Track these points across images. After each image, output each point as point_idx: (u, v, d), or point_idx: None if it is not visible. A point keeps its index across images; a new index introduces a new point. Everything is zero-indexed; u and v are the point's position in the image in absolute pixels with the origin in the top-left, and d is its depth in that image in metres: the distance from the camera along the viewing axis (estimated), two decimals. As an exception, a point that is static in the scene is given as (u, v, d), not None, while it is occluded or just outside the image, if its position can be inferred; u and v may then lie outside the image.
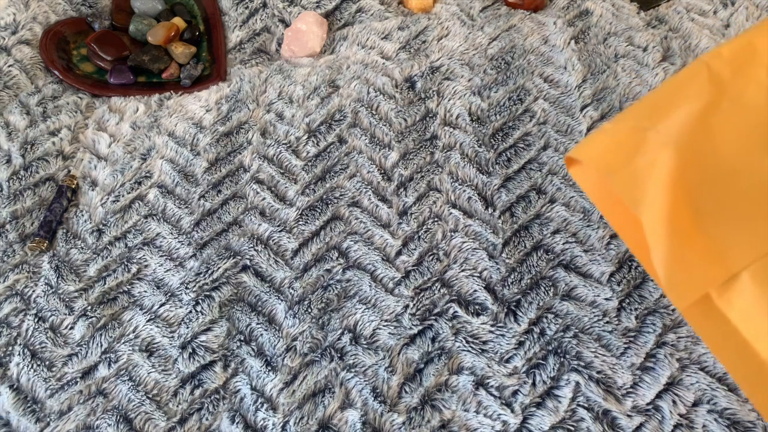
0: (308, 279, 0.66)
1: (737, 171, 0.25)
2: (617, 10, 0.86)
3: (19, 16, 0.83)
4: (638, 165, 0.27)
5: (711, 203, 0.25)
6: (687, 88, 0.26)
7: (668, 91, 0.26)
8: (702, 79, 0.26)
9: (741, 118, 0.25)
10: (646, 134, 0.28)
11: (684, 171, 0.26)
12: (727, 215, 0.25)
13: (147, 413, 0.59)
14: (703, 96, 0.26)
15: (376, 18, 0.87)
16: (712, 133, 0.25)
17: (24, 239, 0.69)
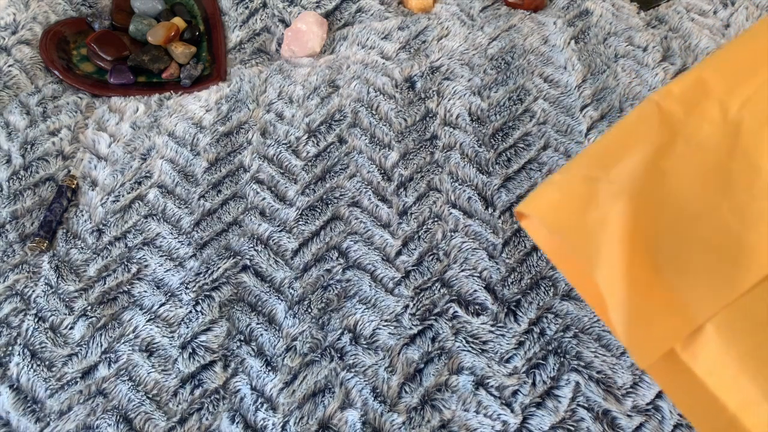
0: (308, 279, 0.66)
1: (695, 216, 0.24)
2: (617, 10, 0.86)
3: (19, 16, 0.83)
4: (590, 221, 0.26)
5: (670, 253, 0.24)
6: (638, 131, 0.25)
7: (620, 135, 0.25)
8: (653, 120, 0.25)
9: (696, 160, 0.25)
10: (597, 185, 0.27)
11: (639, 221, 0.25)
12: (688, 264, 0.24)
13: (147, 413, 0.59)
14: (655, 138, 0.25)
15: (376, 18, 0.87)
16: (667, 177, 0.25)
17: (24, 239, 0.69)
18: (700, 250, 0.24)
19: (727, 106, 0.25)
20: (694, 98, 0.25)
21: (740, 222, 0.23)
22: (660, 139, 0.25)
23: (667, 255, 0.24)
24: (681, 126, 0.25)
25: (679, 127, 0.25)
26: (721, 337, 0.23)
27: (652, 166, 0.25)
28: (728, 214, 0.24)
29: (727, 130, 0.24)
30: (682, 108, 0.25)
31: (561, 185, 0.31)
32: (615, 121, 0.75)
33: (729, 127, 0.24)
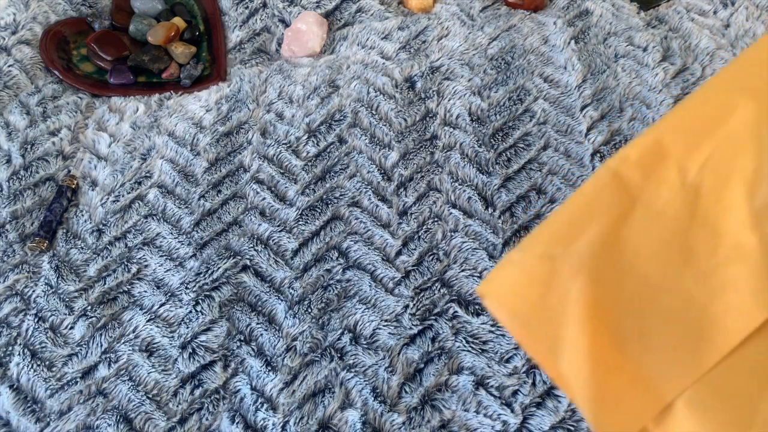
0: (308, 279, 0.66)
1: (658, 288, 0.23)
2: (617, 10, 0.86)
3: (19, 16, 0.83)
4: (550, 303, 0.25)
5: (634, 329, 0.23)
6: (596, 202, 0.24)
7: (577, 207, 0.24)
8: (611, 188, 0.24)
9: (657, 228, 0.24)
10: (556, 263, 0.26)
11: (600, 298, 0.24)
12: (653, 340, 0.23)
13: (147, 413, 0.59)
14: (613, 208, 0.24)
15: (376, 18, 0.87)
16: (627, 248, 0.24)
17: (24, 239, 0.69)
18: (665, 324, 0.23)
19: (685, 169, 0.24)
20: (651, 162, 0.24)
21: (704, 292, 0.22)
22: (618, 208, 0.24)
23: (631, 331, 0.23)
24: (639, 193, 0.24)
25: (638, 193, 0.24)
26: (692, 413, 0.22)
27: (611, 238, 0.24)
28: (692, 284, 0.23)
29: (686, 195, 0.24)
30: (639, 173, 0.24)
31: (520, 265, 0.30)
32: (615, 121, 0.76)
33: (688, 191, 0.24)
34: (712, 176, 0.23)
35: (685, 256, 0.23)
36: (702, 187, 0.23)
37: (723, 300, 0.22)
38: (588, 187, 0.24)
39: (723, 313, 0.22)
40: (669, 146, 0.24)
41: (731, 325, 0.21)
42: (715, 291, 0.22)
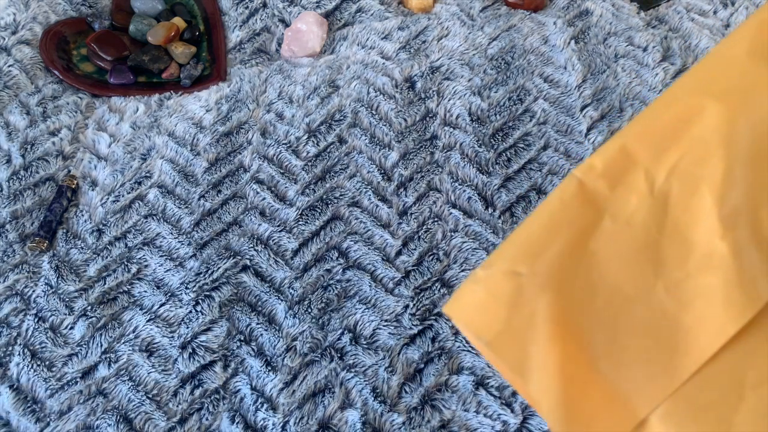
0: (308, 279, 0.66)
1: (629, 300, 0.23)
2: (617, 10, 0.86)
3: (19, 16, 0.83)
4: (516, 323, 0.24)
5: (605, 344, 0.22)
6: (562, 214, 0.24)
7: (543, 220, 0.24)
8: (577, 200, 0.23)
9: (625, 238, 0.23)
10: (521, 280, 0.26)
11: (569, 314, 0.23)
12: (624, 355, 0.22)
13: (147, 413, 0.59)
14: (580, 220, 0.23)
15: (376, 18, 0.87)
16: (596, 261, 0.23)
17: (24, 239, 0.69)
18: (637, 337, 0.22)
19: (653, 176, 0.23)
20: (618, 171, 0.23)
21: (676, 303, 0.22)
22: (585, 219, 0.23)
23: (602, 346, 0.23)
24: (607, 203, 0.23)
25: (605, 204, 0.23)
26: (667, 428, 0.22)
27: (578, 251, 0.23)
28: (663, 295, 0.22)
29: (655, 203, 0.23)
30: (606, 183, 0.24)
31: (485, 283, 0.29)
32: (615, 121, 0.76)
33: (657, 199, 0.23)
34: (680, 183, 0.23)
35: (655, 267, 0.23)
36: (671, 195, 0.23)
37: (695, 311, 0.22)
38: (554, 199, 0.24)
39: (695, 325, 0.21)
40: (636, 153, 0.24)
41: (704, 336, 0.21)
42: (687, 302, 0.22)
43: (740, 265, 0.21)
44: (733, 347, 0.21)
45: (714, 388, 0.21)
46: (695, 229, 0.22)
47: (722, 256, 0.21)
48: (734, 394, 0.21)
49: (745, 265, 0.21)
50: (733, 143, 0.22)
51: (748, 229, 0.21)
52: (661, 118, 0.23)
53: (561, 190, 0.23)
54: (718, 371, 0.21)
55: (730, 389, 0.21)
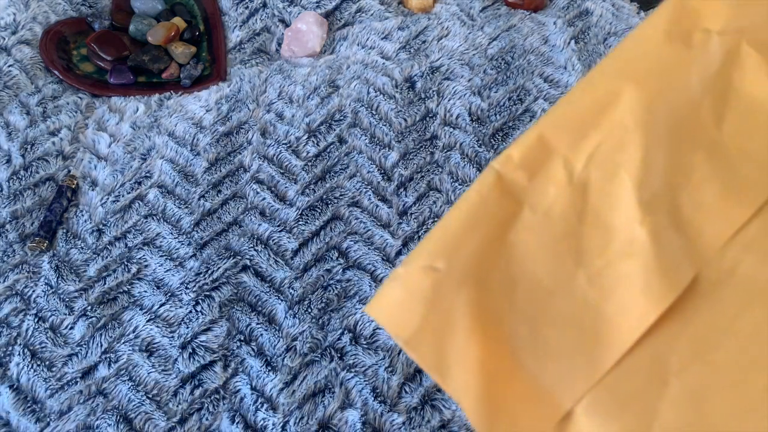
0: (308, 279, 0.66)
1: (550, 291, 0.23)
2: (617, 10, 0.86)
3: (19, 16, 0.83)
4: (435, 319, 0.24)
5: (528, 336, 0.22)
6: (481, 207, 0.23)
7: (461, 214, 0.23)
8: (495, 192, 0.23)
9: (545, 229, 0.23)
10: (439, 276, 0.25)
11: (490, 308, 0.23)
12: (547, 347, 0.22)
13: (147, 413, 0.59)
14: (498, 212, 0.23)
15: (376, 18, 0.87)
16: (516, 253, 0.23)
17: (24, 239, 0.69)
18: (560, 329, 0.22)
19: (572, 164, 0.23)
20: (536, 161, 0.23)
21: (597, 292, 0.22)
22: (504, 212, 0.23)
23: (525, 339, 0.22)
24: (525, 194, 0.23)
25: (524, 195, 0.23)
26: (592, 420, 0.21)
27: (498, 244, 0.23)
28: (584, 285, 0.22)
29: (574, 192, 0.23)
30: (524, 174, 0.23)
31: (403, 280, 0.28)
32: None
33: (576, 187, 0.23)
34: (599, 170, 0.22)
35: (576, 257, 0.22)
36: (590, 183, 0.23)
37: (616, 299, 0.21)
38: (472, 193, 0.23)
39: (617, 313, 0.21)
40: (553, 142, 0.23)
41: (625, 325, 0.21)
42: (608, 290, 0.21)
43: (660, 251, 0.21)
44: (654, 334, 0.21)
45: (637, 376, 0.21)
46: (615, 216, 0.22)
47: (642, 241, 0.21)
48: (658, 381, 0.20)
49: (665, 250, 0.21)
50: (650, 127, 0.22)
51: (668, 213, 0.21)
52: (578, 104, 0.23)
53: (479, 183, 0.23)
54: (640, 359, 0.21)
55: (654, 377, 0.21)
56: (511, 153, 0.24)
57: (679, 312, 0.21)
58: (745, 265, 0.20)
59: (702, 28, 0.23)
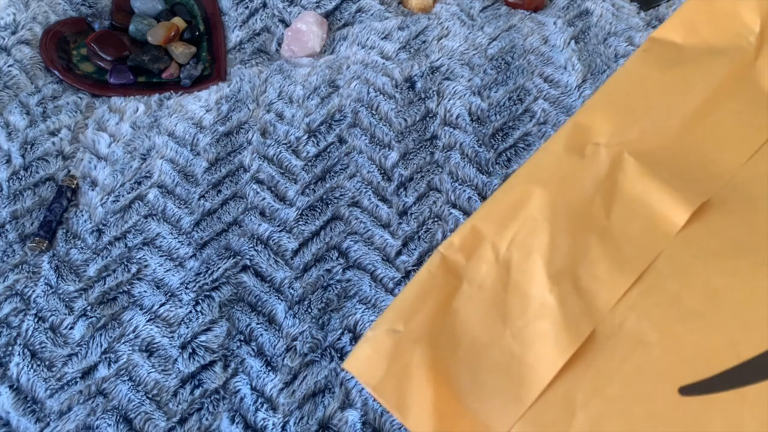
0: (308, 279, 0.66)
1: (485, 346, 0.29)
2: (617, 10, 0.86)
3: (19, 16, 0.83)
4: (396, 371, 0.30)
5: (469, 382, 0.28)
6: (430, 282, 0.30)
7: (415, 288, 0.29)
8: (441, 270, 0.30)
9: (480, 298, 0.29)
10: (399, 336, 0.32)
11: (439, 360, 0.29)
12: (483, 389, 0.28)
13: (147, 413, 0.59)
14: (444, 286, 0.30)
15: (376, 18, 0.87)
16: (458, 317, 0.29)
17: (24, 239, 0.69)
18: (492, 375, 0.28)
19: (498, 247, 0.30)
20: (471, 245, 0.30)
21: (520, 345, 0.28)
22: (448, 286, 0.30)
23: (466, 385, 0.28)
24: (464, 271, 0.30)
25: (463, 272, 0.30)
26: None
27: (445, 310, 0.29)
28: (510, 340, 0.28)
29: (500, 269, 0.29)
30: (463, 255, 0.30)
31: (372, 341, 0.36)
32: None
33: (501, 265, 0.29)
34: (518, 252, 0.29)
35: (503, 318, 0.29)
36: (511, 261, 0.29)
37: (534, 350, 0.28)
38: (423, 271, 0.30)
39: (535, 361, 0.27)
40: (483, 230, 0.30)
41: (542, 369, 0.27)
42: (528, 344, 0.28)
43: (565, 312, 0.28)
44: (563, 376, 0.27)
45: (552, 410, 0.27)
46: (531, 286, 0.29)
47: (551, 305, 0.28)
48: (567, 413, 0.27)
49: (569, 311, 0.28)
50: (555, 219, 0.29)
51: (570, 283, 0.28)
52: (502, 201, 0.30)
53: (428, 263, 0.30)
54: (554, 396, 0.27)
55: (564, 409, 0.27)
56: (452, 240, 0.31)
57: (581, 358, 0.28)
58: (629, 321, 0.27)
59: (592, 141, 0.31)
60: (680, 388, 0.26)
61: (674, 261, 0.28)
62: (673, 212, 0.29)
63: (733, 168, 0.30)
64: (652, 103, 0.32)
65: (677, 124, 0.31)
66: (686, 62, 0.33)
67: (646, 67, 0.33)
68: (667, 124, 0.31)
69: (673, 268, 0.28)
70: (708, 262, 0.28)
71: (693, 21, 0.34)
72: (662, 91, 0.32)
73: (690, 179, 0.30)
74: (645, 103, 0.32)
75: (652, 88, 0.33)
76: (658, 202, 0.29)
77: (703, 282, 0.27)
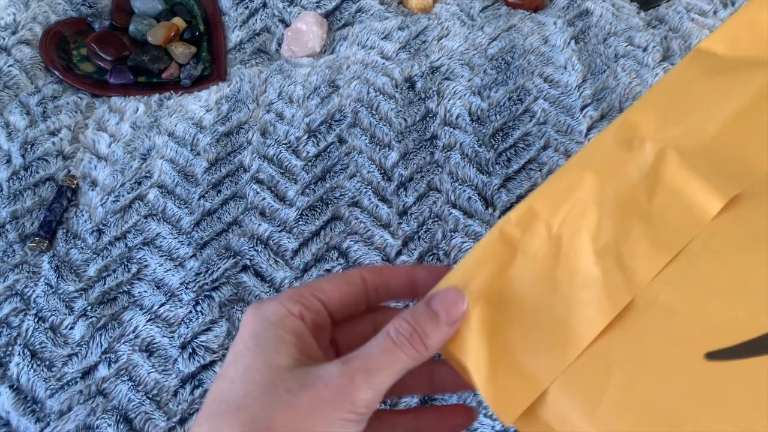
0: (308, 279, 0.66)
1: (534, 309, 0.33)
2: (617, 10, 0.86)
3: (19, 16, 0.83)
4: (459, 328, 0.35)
5: (519, 338, 0.33)
6: (488, 252, 0.34)
7: (475, 257, 0.34)
8: (499, 242, 0.34)
9: (532, 268, 0.34)
10: None
11: (494, 319, 0.34)
12: (532, 345, 0.33)
13: (147, 413, 0.59)
14: (501, 255, 0.34)
15: (376, 18, 0.87)
16: (512, 283, 0.34)
17: (24, 239, 0.69)
18: (541, 333, 0.33)
19: (550, 225, 0.34)
20: (526, 222, 0.34)
21: (567, 310, 0.32)
22: (504, 255, 0.34)
23: (516, 341, 0.33)
24: (519, 244, 0.34)
25: (518, 245, 0.34)
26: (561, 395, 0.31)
27: (501, 276, 0.34)
28: (557, 305, 0.33)
29: (551, 243, 0.33)
30: (518, 230, 0.34)
31: None
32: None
33: (553, 240, 0.33)
34: (568, 229, 0.33)
35: (553, 286, 0.33)
36: (562, 237, 0.33)
37: (578, 315, 0.32)
38: (482, 242, 0.34)
39: (578, 324, 0.32)
40: (538, 209, 0.34)
41: (584, 331, 0.32)
42: (573, 309, 0.32)
43: (607, 283, 0.32)
44: (603, 338, 0.31)
45: (592, 366, 0.31)
46: (578, 260, 0.33)
47: (596, 276, 0.32)
48: (605, 369, 0.31)
49: (610, 282, 0.32)
50: (603, 202, 0.33)
51: (614, 258, 0.32)
52: (556, 185, 0.34)
53: (488, 236, 0.34)
54: (593, 354, 0.31)
55: (603, 366, 0.31)
56: (510, 216, 0.34)
57: (619, 324, 0.32)
58: (664, 294, 0.31)
59: (639, 136, 0.34)
60: (707, 354, 0.29)
61: (707, 245, 0.32)
62: (708, 201, 0.32)
63: (766, 167, 0.34)
64: (694, 106, 0.36)
65: (716, 125, 0.35)
66: (728, 71, 0.37)
67: (690, 73, 0.37)
68: (707, 125, 0.35)
69: (706, 250, 0.32)
70: (736, 248, 0.31)
71: (736, 35, 0.39)
72: (704, 96, 0.36)
73: (725, 174, 0.33)
74: (688, 106, 0.36)
75: (695, 92, 0.36)
76: (694, 191, 0.33)
77: (731, 265, 0.31)
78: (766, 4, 0.39)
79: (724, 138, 0.35)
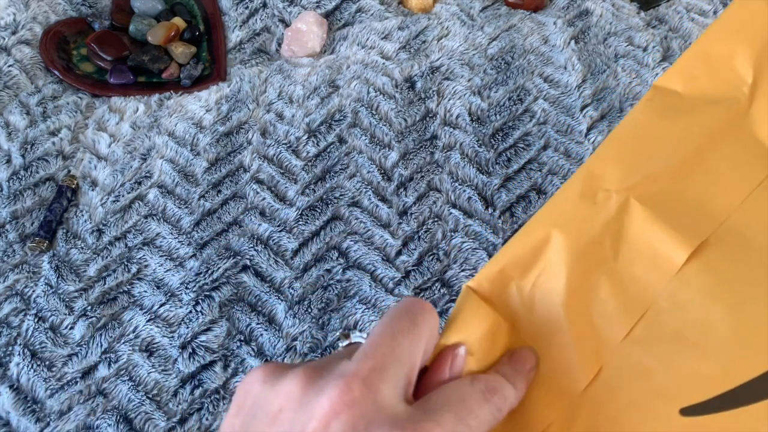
0: (308, 279, 0.66)
1: None
2: (617, 10, 0.86)
3: (19, 16, 0.83)
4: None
5: None
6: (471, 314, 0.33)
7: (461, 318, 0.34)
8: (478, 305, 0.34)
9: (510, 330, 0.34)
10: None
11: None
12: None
13: (147, 413, 0.59)
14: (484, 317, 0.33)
15: (376, 18, 0.87)
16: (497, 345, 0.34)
17: (24, 239, 0.69)
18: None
19: (522, 288, 0.34)
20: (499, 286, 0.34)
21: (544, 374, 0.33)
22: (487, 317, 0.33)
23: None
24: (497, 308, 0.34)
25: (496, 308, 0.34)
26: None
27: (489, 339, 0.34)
28: None
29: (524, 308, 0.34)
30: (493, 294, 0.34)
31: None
32: (615, 121, 0.76)
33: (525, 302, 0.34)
34: (540, 292, 0.34)
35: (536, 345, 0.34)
36: (534, 301, 0.34)
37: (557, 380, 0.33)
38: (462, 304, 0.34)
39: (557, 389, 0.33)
40: (509, 272, 0.34)
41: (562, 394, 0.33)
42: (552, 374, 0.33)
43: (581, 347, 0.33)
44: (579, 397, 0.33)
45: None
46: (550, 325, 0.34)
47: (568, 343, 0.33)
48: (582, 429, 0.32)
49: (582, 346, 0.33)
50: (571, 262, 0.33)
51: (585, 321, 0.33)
52: (525, 244, 0.34)
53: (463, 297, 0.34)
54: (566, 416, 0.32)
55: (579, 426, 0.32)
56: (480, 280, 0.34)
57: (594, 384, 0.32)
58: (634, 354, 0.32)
59: (603, 188, 0.34)
60: (681, 409, 0.30)
61: (674, 299, 0.32)
62: (674, 252, 0.32)
63: (729, 210, 0.34)
64: (655, 150, 0.36)
65: (677, 168, 0.35)
66: (686, 111, 0.37)
67: (649, 116, 0.37)
68: (668, 168, 0.35)
69: (673, 304, 0.32)
70: (704, 299, 0.32)
71: (692, 71, 0.38)
72: (664, 139, 0.36)
73: (689, 220, 0.33)
74: (648, 150, 0.36)
75: (654, 135, 0.36)
76: (660, 242, 0.33)
77: (698, 318, 0.31)
78: (718, 37, 0.38)
79: (686, 181, 0.35)
